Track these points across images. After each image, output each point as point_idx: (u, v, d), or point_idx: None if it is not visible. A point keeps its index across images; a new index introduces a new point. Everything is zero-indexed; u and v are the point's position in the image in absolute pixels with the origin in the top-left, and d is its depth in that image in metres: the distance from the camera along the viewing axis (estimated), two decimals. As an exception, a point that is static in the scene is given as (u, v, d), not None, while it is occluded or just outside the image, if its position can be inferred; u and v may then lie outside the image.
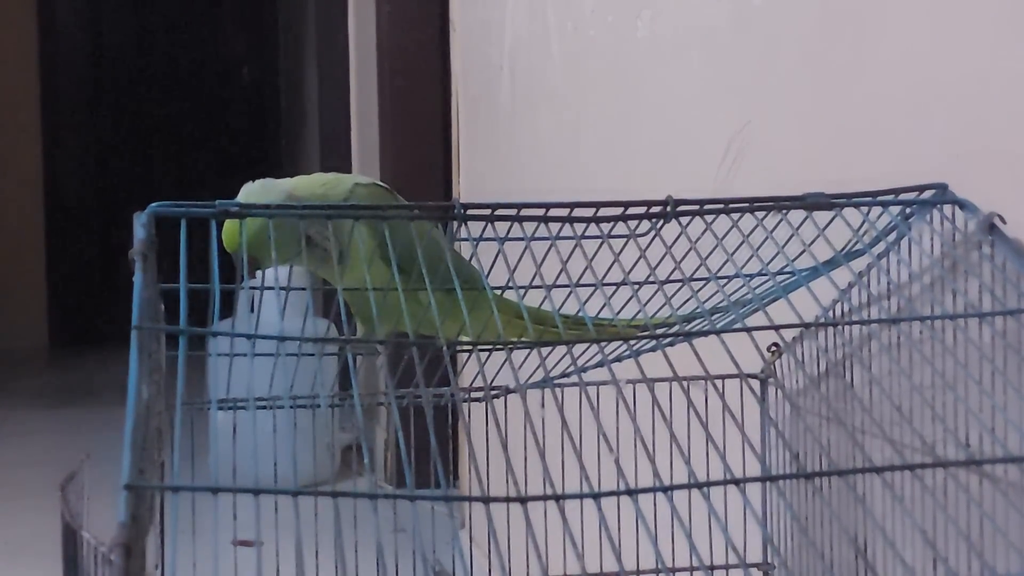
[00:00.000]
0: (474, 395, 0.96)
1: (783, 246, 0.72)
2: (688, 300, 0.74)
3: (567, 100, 1.58)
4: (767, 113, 1.04)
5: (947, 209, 0.72)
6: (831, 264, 0.74)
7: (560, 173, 1.62)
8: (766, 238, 0.72)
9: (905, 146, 0.84)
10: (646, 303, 0.74)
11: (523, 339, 0.86)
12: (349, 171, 3.06)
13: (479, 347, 0.67)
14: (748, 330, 0.63)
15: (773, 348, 0.92)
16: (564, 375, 0.90)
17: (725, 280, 0.74)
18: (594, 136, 1.48)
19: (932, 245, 0.73)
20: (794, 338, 0.88)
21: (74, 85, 5.43)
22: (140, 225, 0.62)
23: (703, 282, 0.74)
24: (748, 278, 0.73)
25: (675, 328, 0.80)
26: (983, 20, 0.77)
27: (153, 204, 0.65)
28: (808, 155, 0.98)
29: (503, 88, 1.89)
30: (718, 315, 0.82)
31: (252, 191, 0.83)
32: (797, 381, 0.88)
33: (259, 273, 0.81)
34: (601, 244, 0.73)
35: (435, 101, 2.67)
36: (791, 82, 1.00)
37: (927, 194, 0.74)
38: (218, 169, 5.47)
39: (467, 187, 2.23)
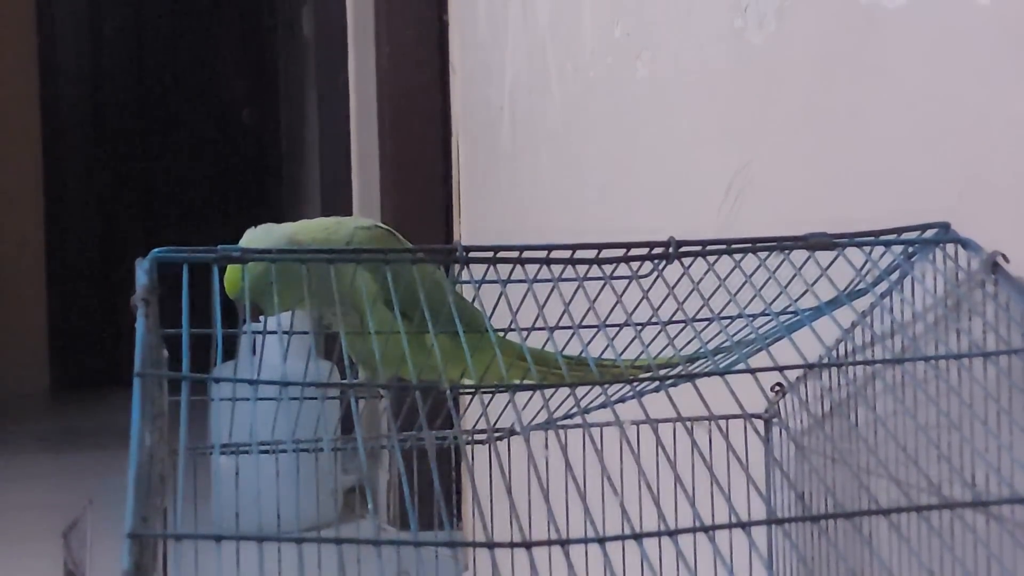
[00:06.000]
0: (477, 437, 0.95)
1: (786, 286, 0.72)
2: (691, 341, 0.74)
3: (568, 140, 1.58)
4: (768, 153, 1.05)
5: (950, 248, 0.72)
6: (834, 303, 0.73)
7: (561, 213, 1.62)
8: (768, 278, 0.72)
9: (907, 185, 0.84)
10: (649, 344, 0.74)
11: (526, 381, 0.86)
12: (350, 212, 3.06)
13: (482, 389, 0.66)
14: (752, 371, 0.63)
15: (777, 388, 0.92)
16: (567, 416, 0.90)
17: (728, 320, 0.74)
18: (595, 176, 1.48)
19: (935, 284, 0.73)
20: (798, 378, 0.88)
21: (75, 127, 5.45)
22: (142, 271, 0.62)
23: (706, 323, 0.74)
24: (751, 318, 0.73)
25: (678, 369, 0.79)
26: (984, 59, 0.77)
27: (155, 250, 0.65)
28: (810, 194, 0.98)
29: (503, 129, 1.89)
30: (721, 355, 0.82)
31: (254, 236, 0.83)
32: (801, 421, 0.87)
33: (261, 317, 0.81)
34: (604, 285, 0.73)
35: (435, 142, 2.67)
36: (792, 122, 1.01)
37: (929, 233, 0.74)
38: (219, 211, 5.48)
39: (468, 228, 2.23)
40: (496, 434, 0.89)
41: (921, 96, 0.83)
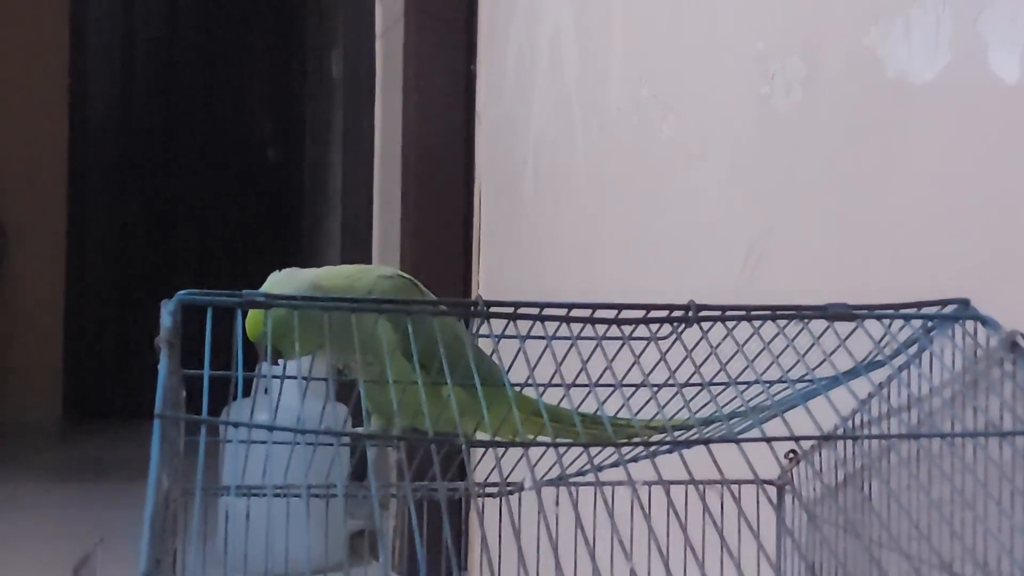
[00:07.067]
0: (488, 491, 0.95)
1: (803, 355, 0.72)
2: (707, 404, 0.75)
3: (590, 197, 1.59)
4: (790, 219, 1.05)
5: (969, 325, 0.73)
6: (851, 374, 0.74)
7: (580, 269, 1.63)
8: (787, 346, 0.72)
9: (928, 259, 0.85)
10: (664, 405, 0.74)
11: (541, 437, 0.86)
12: (370, 252, 3.08)
13: (495, 444, 0.67)
14: (767, 440, 0.63)
15: (791, 455, 0.92)
16: (580, 474, 0.90)
17: (744, 386, 0.74)
18: (616, 234, 1.49)
19: (953, 360, 0.73)
20: (812, 446, 0.88)
21: (100, 161, 5.49)
22: (167, 313, 0.62)
23: (722, 387, 0.74)
24: (768, 384, 0.73)
25: (693, 431, 0.80)
26: (1009, 137, 0.77)
27: (180, 292, 0.65)
28: (830, 263, 0.98)
29: (526, 181, 1.90)
30: (736, 419, 0.82)
31: (277, 280, 0.84)
32: (814, 490, 0.87)
33: (280, 360, 0.82)
34: (622, 345, 0.73)
35: (458, 190, 2.69)
36: (815, 190, 1.01)
37: (949, 308, 0.74)
38: (240, 247, 5.50)
39: (486, 277, 2.24)
40: (508, 488, 0.89)
41: (946, 171, 0.83)
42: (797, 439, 0.64)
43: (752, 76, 1.11)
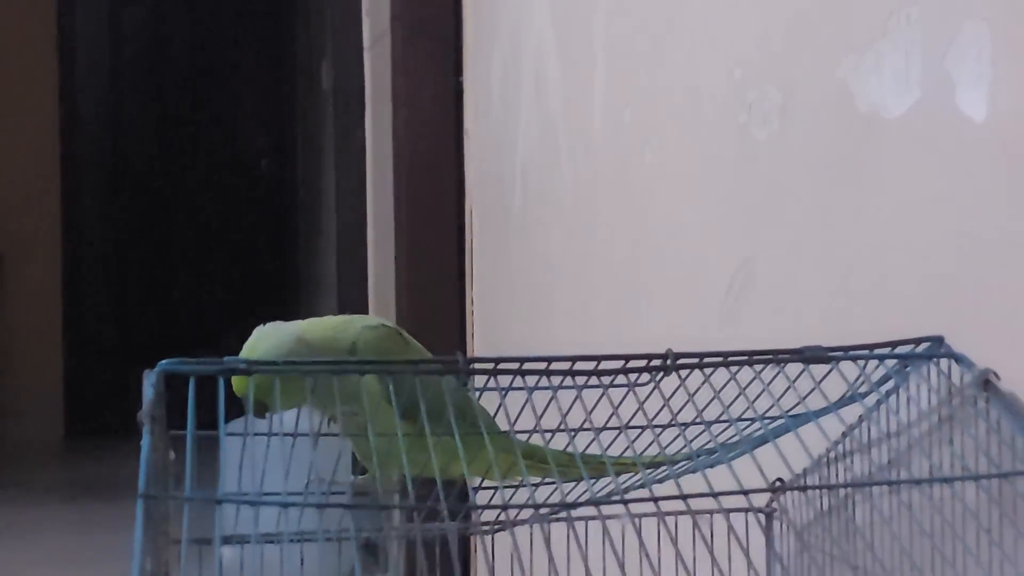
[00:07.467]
0: (474, 529, 0.96)
1: (779, 398, 0.73)
2: (682, 449, 0.76)
3: (576, 217, 1.60)
4: (770, 248, 1.06)
5: (943, 363, 0.73)
6: (823, 412, 0.75)
7: (569, 289, 1.64)
8: (763, 391, 0.73)
9: (904, 288, 0.86)
10: (642, 452, 0.75)
11: (522, 479, 0.87)
12: (364, 266, 3.09)
13: (475, 507, 0.68)
14: (745, 492, 0.64)
15: (777, 483, 0.93)
16: (576, 505, 0.91)
17: (721, 426, 0.75)
18: (603, 255, 1.49)
19: (929, 398, 0.74)
20: (797, 475, 0.89)
21: (95, 177, 5.50)
22: (149, 385, 0.63)
23: (700, 426, 0.75)
24: (745, 425, 0.75)
25: (664, 469, 0.81)
26: (977, 175, 0.78)
27: (162, 362, 0.66)
28: (809, 292, 0.99)
29: (516, 199, 1.91)
30: (720, 452, 0.83)
31: (263, 334, 0.85)
32: (787, 527, 0.88)
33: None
34: (602, 395, 0.74)
35: (450, 203, 2.69)
36: (793, 218, 1.02)
37: (923, 347, 0.75)
38: (235, 258, 5.51)
39: (480, 291, 2.25)
40: (485, 528, 0.90)
41: (918, 207, 0.84)
42: (775, 490, 0.65)
43: (730, 103, 1.11)
